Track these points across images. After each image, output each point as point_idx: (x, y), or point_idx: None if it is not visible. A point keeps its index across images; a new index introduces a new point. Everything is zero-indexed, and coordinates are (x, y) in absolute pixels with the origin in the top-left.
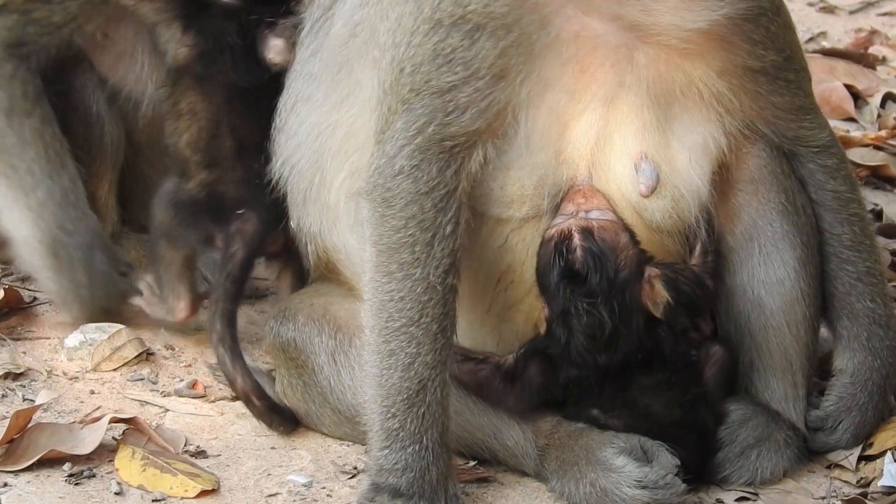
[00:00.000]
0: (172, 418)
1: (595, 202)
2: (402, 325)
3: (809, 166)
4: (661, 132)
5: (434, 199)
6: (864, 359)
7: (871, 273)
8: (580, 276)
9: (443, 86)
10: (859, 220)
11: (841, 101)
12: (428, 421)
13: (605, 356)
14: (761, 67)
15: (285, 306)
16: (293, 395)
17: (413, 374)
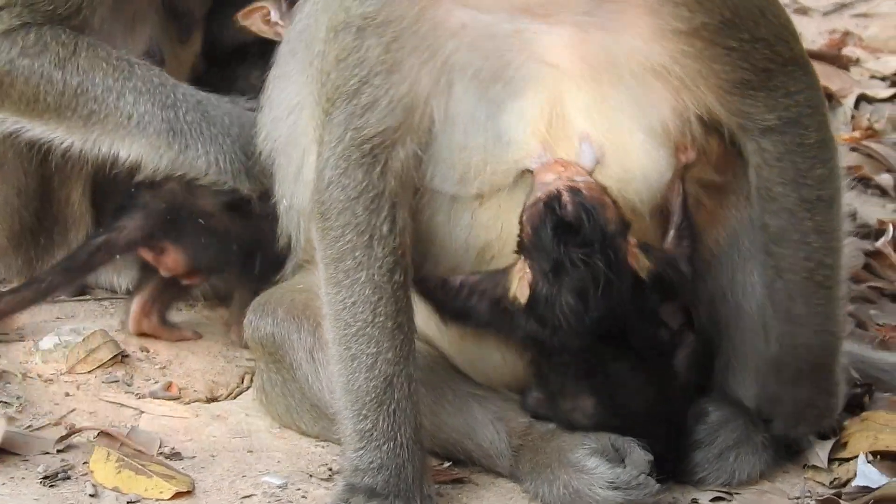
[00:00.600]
0: (147, 420)
1: (575, 170)
2: (358, 329)
3: (749, 146)
4: (604, 112)
5: (364, 202)
6: (778, 356)
7: (793, 269)
8: (573, 228)
9: (349, 90)
10: (790, 214)
11: None
12: (400, 417)
13: (595, 314)
14: (691, 29)
15: (265, 300)
16: (273, 390)
17: (378, 373)
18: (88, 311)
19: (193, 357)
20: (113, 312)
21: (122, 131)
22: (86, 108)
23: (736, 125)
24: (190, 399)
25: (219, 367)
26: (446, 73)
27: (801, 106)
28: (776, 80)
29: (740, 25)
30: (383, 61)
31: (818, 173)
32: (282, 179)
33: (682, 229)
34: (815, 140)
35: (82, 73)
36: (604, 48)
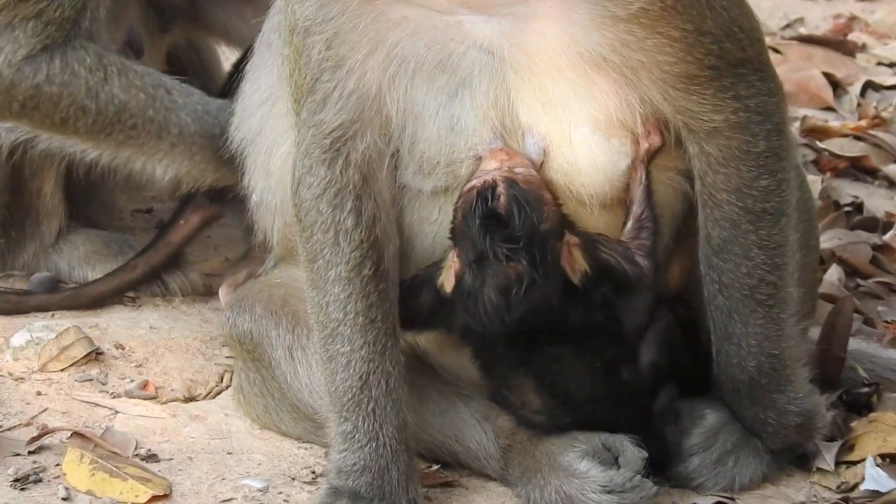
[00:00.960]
0: (122, 420)
1: (518, 160)
2: (332, 329)
3: (693, 148)
4: (545, 104)
5: (328, 198)
6: (716, 373)
7: (734, 285)
8: (502, 220)
9: (307, 88)
10: (733, 225)
11: (819, 90)
12: (380, 416)
13: (516, 314)
14: (630, 15)
15: (243, 295)
16: (251, 389)
17: (353, 372)
18: None
19: (171, 355)
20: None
21: (161, 154)
22: (122, 134)
23: (682, 124)
24: (167, 398)
25: (197, 365)
26: (393, 65)
27: (750, 112)
28: (724, 81)
29: (683, 14)
30: (328, 57)
31: (764, 184)
32: (252, 171)
33: (642, 220)
34: (764, 149)
35: (118, 104)
36: (540, 38)
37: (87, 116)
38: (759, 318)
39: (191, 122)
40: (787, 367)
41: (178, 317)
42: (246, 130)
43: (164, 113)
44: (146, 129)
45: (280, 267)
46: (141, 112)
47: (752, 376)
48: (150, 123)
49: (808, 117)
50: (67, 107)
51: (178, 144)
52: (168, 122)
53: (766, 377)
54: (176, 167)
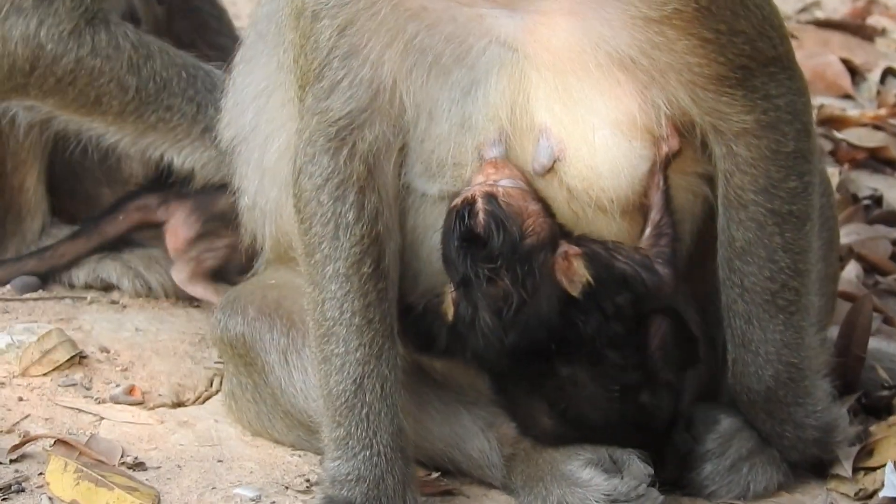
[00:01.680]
0: (108, 427)
1: (506, 172)
2: (327, 329)
3: (720, 150)
4: (566, 104)
5: (329, 189)
6: (731, 382)
7: (755, 290)
8: (480, 240)
9: (313, 74)
10: (759, 227)
11: (836, 77)
12: (374, 422)
13: (512, 335)
14: (663, 17)
15: (234, 296)
16: (243, 394)
17: (346, 375)
18: (44, 308)
19: (158, 358)
20: (71, 309)
21: (188, 140)
22: (154, 116)
23: (709, 125)
24: (154, 404)
25: (185, 368)
26: (411, 57)
27: (780, 111)
28: (755, 80)
29: (717, 15)
30: (339, 45)
31: (791, 185)
32: (244, 172)
33: (661, 226)
34: (793, 150)
35: (159, 81)
36: (568, 36)
37: (125, 94)
38: (779, 324)
39: None
40: (806, 377)
41: (164, 318)
42: (238, 127)
43: (205, 94)
44: (182, 111)
45: (273, 267)
46: (181, 91)
47: (768, 386)
48: (189, 104)
49: (824, 106)
50: (108, 82)
51: (212, 128)
52: (207, 102)
53: (783, 388)
54: (198, 156)
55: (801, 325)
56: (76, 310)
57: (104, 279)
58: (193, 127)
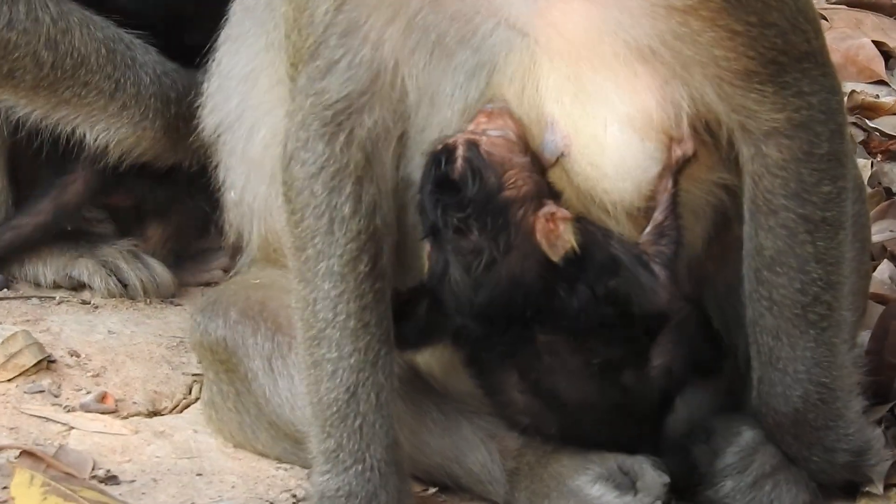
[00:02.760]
0: (78, 437)
1: (499, 122)
2: (318, 331)
3: (748, 151)
4: (576, 96)
5: (324, 179)
6: (756, 403)
7: (785, 303)
8: (454, 187)
9: (307, 52)
10: (789, 234)
11: (869, 61)
12: (367, 434)
13: (482, 294)
14: (688, 6)
15: (215, 297)
16: (224, 403)
17: (339, 382)
18: (9, 308)
19: (132, 363)
20: (38, 310)
21: (104, 116)
22: (69, 91)
23: (737, 124)
24: (128, 413)
25: (162, 374)
26: (414, 36)
27: (814, 110)
28: (788, 76)
29: (747, 6)
30: (337, 21)
31: (825, 190)
32: (229, 163)
33: (664, 226)
34: (826, 151)
35: (77, 57)
36: (583, 21)
37: (39, 69)
38: (809, 340)
39: (149, 82)
40: (838, 398)
41: (140, 320)
42: (222, 114)
43: (124, 70)
44: (99, 88)
45: (259, 266)
46: (100, 68)
47: (797, 408)
48: (107, 81)
49: (856, 92)
50: (23, 56)
51: (130, 106)
52: (126, 80)
53: (813, 410)
54: (113, 132)
55: (833, 342)
56: (44, 310)
57: (74, 277)
58: (110, 104)
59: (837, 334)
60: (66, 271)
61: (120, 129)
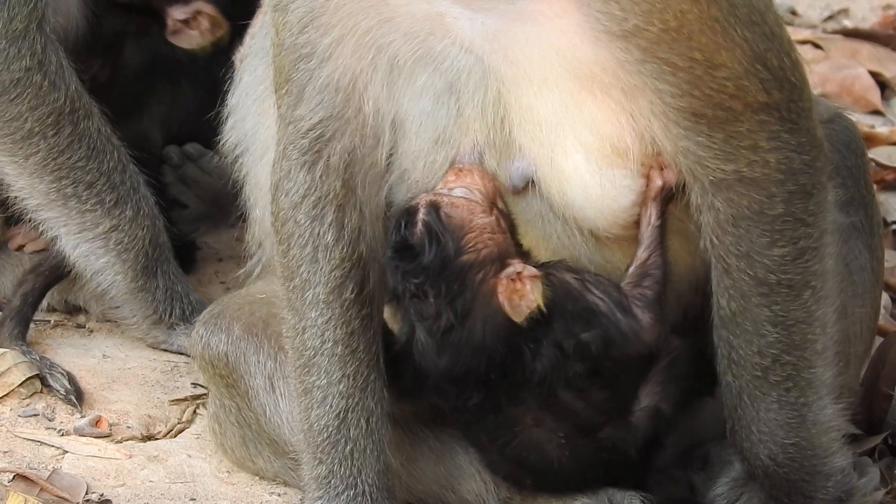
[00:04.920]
0: (72, 461)
1: (466, 181)
2: (308, 359)
3: (696, 199)
4: (536, 122)
5: (306, 208)
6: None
7: (743, 364)
8: (412, 253)
9: (284, 77)
10: (743, 296)
11: (865, 91)
12: (358, 460)
13: (445, 358)
14: (624, 32)
15: (219, 310)
16: (227, 417)
17: (329, 409)
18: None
19: (126, 387)
20: (33, 333)
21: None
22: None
23: (686, 168)
24: (122, 437)
25: (156, 399)
26: (368, 56)
27: (770, 168)
28: (740, 126)
29: (691, 41)
30: (301, 43)
31: (779, 253)
32: (251, 182)
33: (647, 266)
34: (782, 212)
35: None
36: (527, 45)
37: (57, 135)
38: (772, 402)
39: (147, 213)
40: (813, 456)
41: (134, 344)
42: (240, 133)
43: (129, 189)
44: (101, 196)
45: (266, 280)
46: (109, 171)
47: (766, 465)
48: (110, 191)
49: None
50: (46, 115)
51: (122, 230)
52: (128, 199)
53: (785, 466)
54: (94, 260)
55: (800, 403)
56: (39, 334)
57: (70, 302)
58: (104, 220)
59: (805, 394)
60: (62, 295)
61: (102, 256)
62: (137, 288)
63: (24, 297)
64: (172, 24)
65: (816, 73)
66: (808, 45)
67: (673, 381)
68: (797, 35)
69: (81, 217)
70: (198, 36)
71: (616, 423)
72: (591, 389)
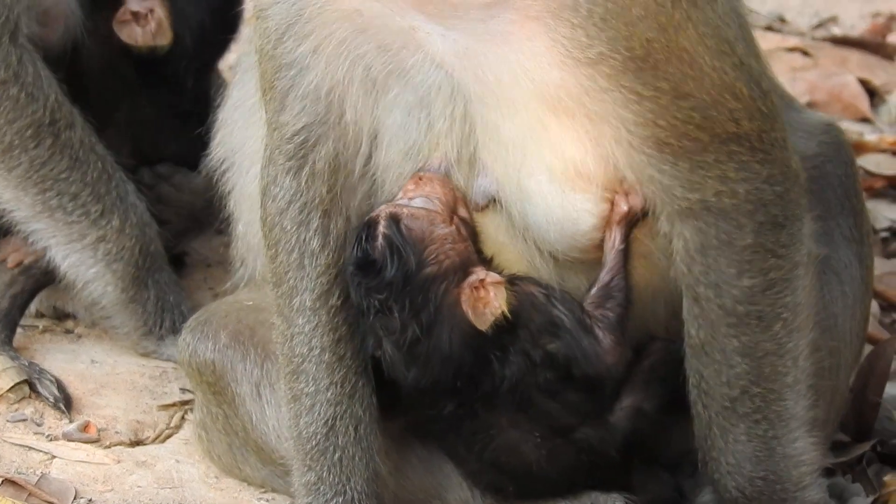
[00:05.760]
0: (60, 466)
1: (426, 190)
2: (296, 366)
3: (664, 227)
4: (501, 142)
5: (292, 214)
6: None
7: (712, 394)
8: (374, 269)
9: (268, 83)
10: (711, 325)
11: (854, 99)
12: (347, 467)
13: (414, 371)
14: (589, 60)
15: (206, 318)
16: (214, 424)
17: (317, 416)
18: None
19: (115, 393)
20: (21, 338)
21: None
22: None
23: (650, 195)
24: (111, 442)
25: (144, 404)
26: (344, 66)
27: (738, 198)
28: (707, 156)
29: (657, 70)
30: (283, 50)
31: (748, 283)
32: (236, 197)
33: (610, 288)
34: (751, 243)
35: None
36: (496, 65)
37: (37, 146)
38: (741, 434)
39: (135, 222)
40: (783, 490)
41: (123, 350)
42: (228, 146)
43: (115, 199)
44: (86, 207)
45: (251, 286)
46: (93, 182)
47: (735, 497)
48: (95, 202)
49: None
50: (25, 127)
51: (109, 240)
52: (114, 209)
53: (753, 500)
54: (84, 270)
55: (769, 436)
56: (27, 339)
57: (59, 308)
58: (90, 231)
59: (774, 427)
60: (50, 301)
61: (92, 267)
62: (128, 299)
63: (12, 299)
64: (123, 12)
65: (805, 81)
66: (797, 53)
67: (656, 381)
68: (786, 43)
69: (68, 228)
70: (140, 34)
71: (594, 423)
72: (563, 392)
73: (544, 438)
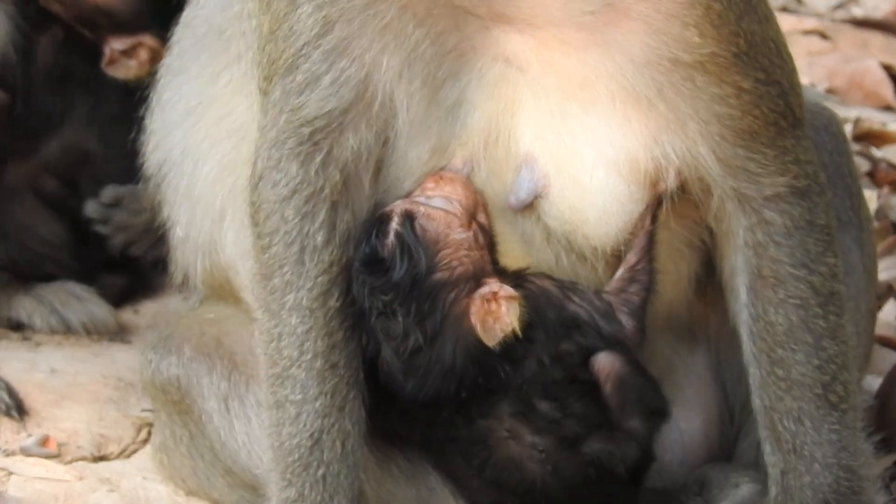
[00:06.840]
0: (18, 484)
1: (447, 190)
2: (283, 369)
3: (745, 220)
4: (561, 134)
5: (297, 203)
6: (781, 500)
7: (805, 383)
8: (381, 267)
9: (284, 65)
10: (801, 307)
11: (876, 85)
12: (331, 485)
13: (412, 380)
14: (695, 61)
15: (168, 333)
16: (177, 447)
17: (303, 427)
18: None
19: (76, 404)
20: None
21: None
22: None
23: (730, 189)
24: (72, 457)
25: (108, 417)
26: (408, 65)
27: (810, 179)
28: (786, 141)
29: (757, 62)
30: (324, 38)
31: (830, 262)
32: (174, 200)
33: (635, 270)
34: (825, 223)
35: None
36: (581, 62)
37: None
38: (833, 422)
39: None
40: (865, 490)
41: (85, 358)
42: (165, 151)
43: None
44: None
45: (210, 302)
46: None
47: (827, 500)
48: None
49: (861, 119)
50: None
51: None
52: None
53: (843, 501)
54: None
55: (856, 427)
56: None
57: (13, 318)
58: None
59: (857, 419)
60: (5, 312)
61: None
62: None
63: None
64: (111, 53)
65: (823, 67)
66: (815, 36)
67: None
68: (802, 25)
69: None
70: (135, 66)
71: (602, 436)
72: (569, 398)
73: (547, 452)
